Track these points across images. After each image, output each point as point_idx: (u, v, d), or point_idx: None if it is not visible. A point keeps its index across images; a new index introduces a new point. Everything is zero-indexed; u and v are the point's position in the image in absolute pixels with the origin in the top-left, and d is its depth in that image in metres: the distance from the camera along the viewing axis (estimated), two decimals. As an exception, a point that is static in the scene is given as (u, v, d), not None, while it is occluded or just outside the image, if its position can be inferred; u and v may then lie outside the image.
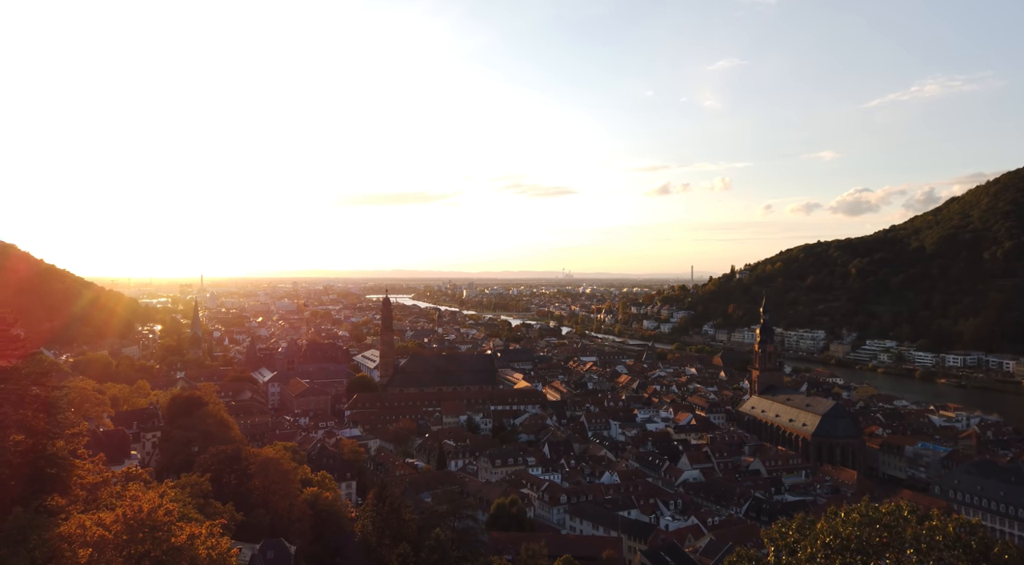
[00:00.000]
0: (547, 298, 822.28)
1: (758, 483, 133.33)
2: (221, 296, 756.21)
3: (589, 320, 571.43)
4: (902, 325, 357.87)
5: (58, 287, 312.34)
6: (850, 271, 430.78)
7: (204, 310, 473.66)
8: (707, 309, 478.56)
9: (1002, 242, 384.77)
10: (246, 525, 68.68)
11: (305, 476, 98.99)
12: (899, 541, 17.18)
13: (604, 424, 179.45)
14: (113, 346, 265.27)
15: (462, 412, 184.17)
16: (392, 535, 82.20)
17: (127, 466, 50.71)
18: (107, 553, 24.17)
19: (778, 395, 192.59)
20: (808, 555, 17.56)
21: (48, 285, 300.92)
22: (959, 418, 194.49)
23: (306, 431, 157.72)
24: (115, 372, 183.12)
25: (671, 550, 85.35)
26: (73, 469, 30.31)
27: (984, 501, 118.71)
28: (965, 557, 16.16)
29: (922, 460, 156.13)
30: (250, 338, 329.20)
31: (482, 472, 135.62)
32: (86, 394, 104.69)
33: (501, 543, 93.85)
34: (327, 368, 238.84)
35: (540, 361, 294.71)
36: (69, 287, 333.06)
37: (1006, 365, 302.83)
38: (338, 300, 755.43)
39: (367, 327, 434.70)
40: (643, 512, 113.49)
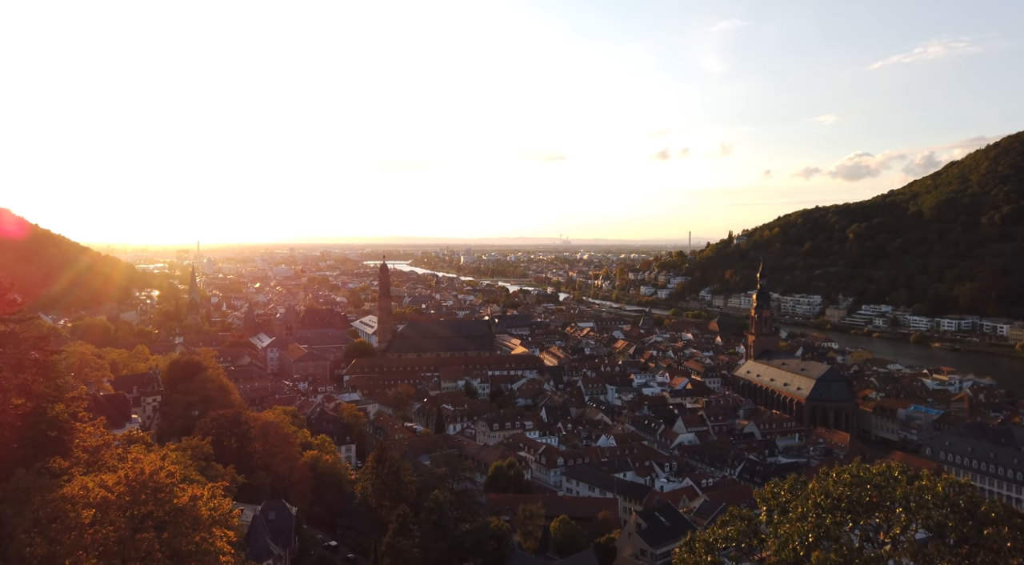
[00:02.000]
0: (545, 264, 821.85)
1: (752, 446, 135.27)
2: (218, 262, 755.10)
3: (587, 286, 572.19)
4: (899, 290, 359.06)
5: (54, 253, 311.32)
6: (848, 236, 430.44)
7: (201, 276, 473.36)
8: (704, 275, 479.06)
9: (1000, 206, 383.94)
10: (247, 487, 69.69)
11: (305, 439, 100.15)
12: (889, 500, 17.47)
13: (601, 389, 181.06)
14: (111, 311, 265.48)
15: (460, 377, 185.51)
16: (392, 496, 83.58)
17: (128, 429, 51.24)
18: (110, 514, 24.52)
19: (773, 360, 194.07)
20: (799, 514, 17.87)
21: (44, 250, 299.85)
22: (952, 381, 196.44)
23: (305, 396, 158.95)
24: (114, 337, 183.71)
25: (666, 510, 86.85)
26: (74, 432, 30.59)
27: (974, 462, 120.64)
28: (953, 515, 16.47)
29: (914, 423, 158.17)
30: (248, 304, 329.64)
31: (480, 436, 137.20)
32: (85, 359, 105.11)
33: (499, 504, 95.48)
34: (325, 334, 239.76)
35: (538, 327, 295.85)
36: (65, 252, 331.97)
37: (1000, 329, 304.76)
38: (335, 266, 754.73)
39: (365, 293, 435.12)
40: (639, 474, 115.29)
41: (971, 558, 15.80)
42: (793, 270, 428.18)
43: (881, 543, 17.57)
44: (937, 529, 16.33)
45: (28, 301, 50.44)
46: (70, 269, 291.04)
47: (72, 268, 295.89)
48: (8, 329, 29.92)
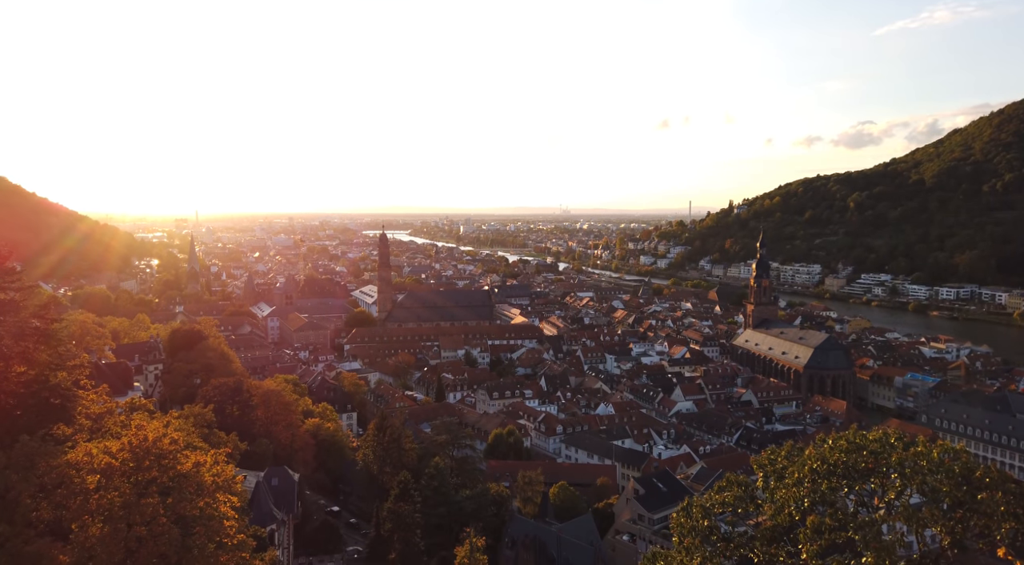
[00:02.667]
0: (544, 234, 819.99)
1: (750, 413, 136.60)
2: (217, 231, 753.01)
3: (586, 256, 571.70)
4: (898, 259, 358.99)
5: (52, 221, 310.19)
6: (848, 205, 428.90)
7: (200, 245, 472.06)
8: (704, 244, 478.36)
9: (1002, 174, 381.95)
10: (250, 454, 70.51)
11: (307, 408, 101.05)
12: (884, 466, 17.65)
13: (600, 358, 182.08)
14: (111, 280, 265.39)
15: (460, 346, 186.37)
16: (393, 463, 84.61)
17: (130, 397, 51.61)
18: (115, 479, 24.82)
19: (772, 329, 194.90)
20: (796, 480, 18.05)
21: (42, 219, 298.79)
22: (949, 350, 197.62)
23: (306, 364, 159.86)
24: (114, 306, 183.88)
25: (663, 477, 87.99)
26: (77, 399, 30.79)
27: (969, 429, 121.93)
28: (948, 481, 16.64)
29: (911, 390, 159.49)
30: (248, 273, 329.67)
31: (480, 404, 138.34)
32: (86, 327, 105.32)
33: (499, 471, 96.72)
34: (325, 303, 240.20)
35: (537, 297, 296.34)
36: (63, 221, 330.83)
37: (999, 297, 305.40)
38: (335, 236, 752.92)
39: (364, 263, 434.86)
40: (637, 441, 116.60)
41: (964, 522, 16.00)
42: (793, 239, 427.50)
43: (876, 508, 17.79)
44: (931, 494, 16.52)
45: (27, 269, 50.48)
46: (68, 238, 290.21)
47: (70, 237, 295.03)
48: (8, 297, 29.93)
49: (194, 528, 25.87)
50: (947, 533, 15.98)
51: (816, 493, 17.43)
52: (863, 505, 17.86)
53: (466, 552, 63.42)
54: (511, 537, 75.72)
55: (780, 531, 18.29)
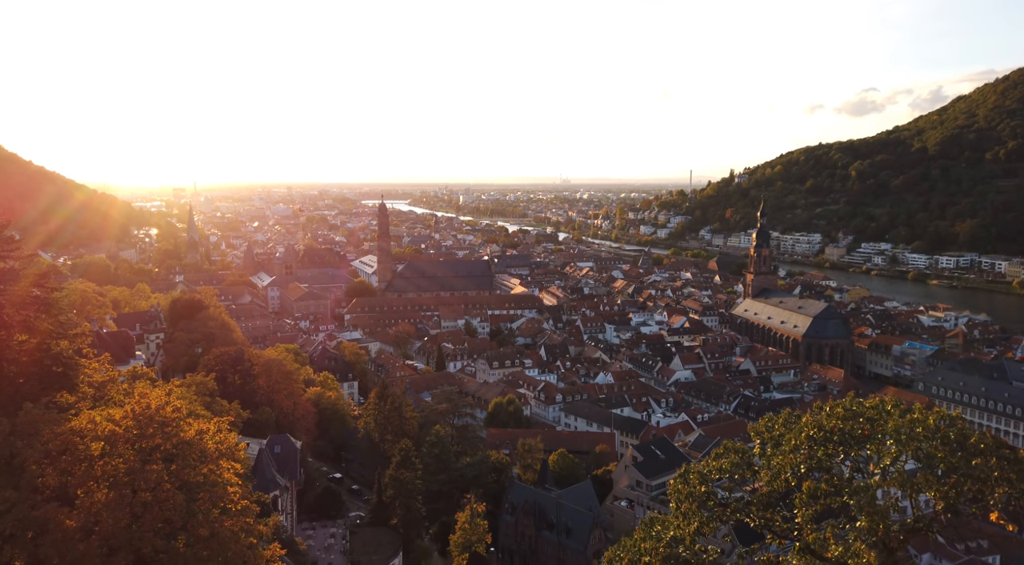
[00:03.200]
0: (544, 204, 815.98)
1: (748, 382, 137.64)
2: (215, 200, 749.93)
3: (586, 226, 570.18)
4: (899, 227, 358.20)
5: (49, 189, 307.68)
6: (850, 173, 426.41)
7: (199, 214, 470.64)
8: (705, 214, 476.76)
9: (1005, 142, 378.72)
10: (252, 423, 71.17)
11: (308, 377, 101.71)
12: (880, 433, 17.81)
13: (599, 327, 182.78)
14: (110, 249, 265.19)
15: (460, 316, 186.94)
16: (394, 431, 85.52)
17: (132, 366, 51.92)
18: (119, 447, 25.10)
19: (771, 298, 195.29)
20: (792, 447, 18.22)
21: (38, 187, 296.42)
22: (947, 318, 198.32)
23: (307, 334, 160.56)
24: (114, 275, 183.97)
25: (661, 444, 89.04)
26: (80, 368, 30.98)
27: (966, 396, 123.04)
28: (943, 447, 16.80)
29: (908, 358, 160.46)
30: (247, 243, 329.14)
31: (480, 373, 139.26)
32: (87, 296, 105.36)
33: (499, 439, 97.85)
34: (325, 273, 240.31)
35: (537, 266, 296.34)
36: (60, 189, 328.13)
37: (999, 266, 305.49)
38: (334, 205, 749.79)
39: (364, 233, 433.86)
40: (636, 410, 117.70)
41: (958, 487, 16.21)
42: (794, 208, 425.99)
43: (871, 473, 18.01)
44: (926, 460, 16.71)
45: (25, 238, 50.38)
46: (66, 206, 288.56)
47: (68, 205, 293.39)
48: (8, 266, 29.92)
49: (198, 494, 26.24)
50: (941, 498, 16.20)
51: (812, 459, 17.62)
52: (858, 471, 18.08)
53: (467, 517, 64.53)
54: (511, 503, 76.91)
55: (776, 497, 18.56)
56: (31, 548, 22.64)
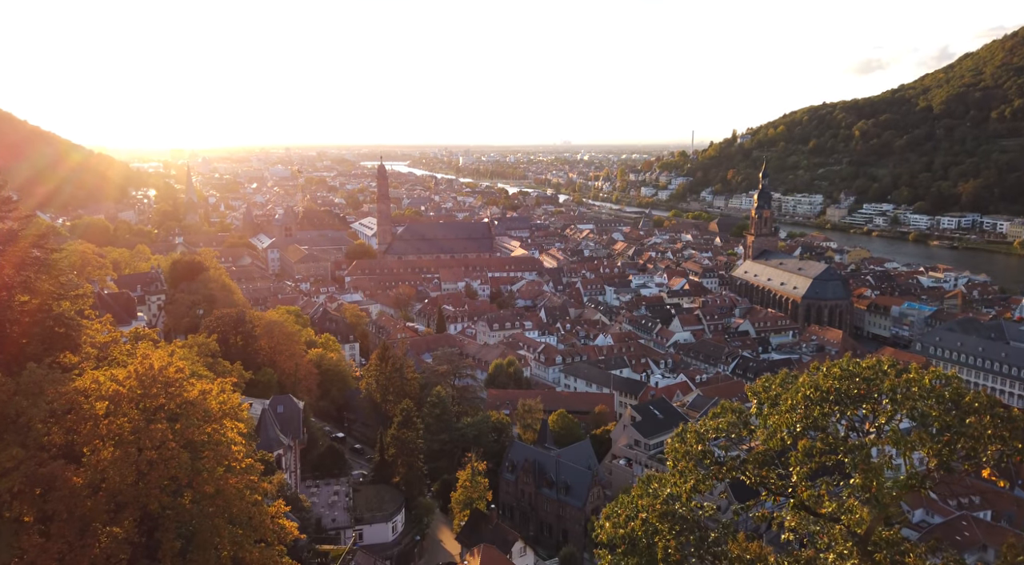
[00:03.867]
0: (545, 165, 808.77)
1: (746, 343, 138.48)
2: (213, 161, 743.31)
3: (587, 188, 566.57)
4: (901, 188, 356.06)
5: (46, 150, 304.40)
6: (854, 134, 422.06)
7: (197, 175, 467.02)
8: (706, 175, 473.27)
9: (1012, 100, 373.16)
10: (255, 383, 71.86)
11: (309, 338, 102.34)
12: (876, 393, 17.95)
13: (599, 290, 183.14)
14: (109, 211, 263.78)
15: (460, 279, 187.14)
16: (396, 392, 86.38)
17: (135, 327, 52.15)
18: (123, 406, 25.39)
19: (771, 260, 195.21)
20: (789, 406, 18.37)
21: (35, 148, 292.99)
22: (947, 278, 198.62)
23: (308, 296, 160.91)
24: (113, 237, 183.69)
25: (660, 404, 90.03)
26: (82, 328, 31.11)
27: (963, 356, 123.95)
28: (938, 406, 16.95)
29: (907, 319, 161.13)
30: (246, 204, 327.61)
31: (480, 335, 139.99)
32: (87, 257, 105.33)
33: (499, 399, 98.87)
34: (325, 235, 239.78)
35: (537, 229, 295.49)
36: (57, 150, 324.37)
37: (1000, 226, 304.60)
38: (332, 167, 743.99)
39: (363, 194, 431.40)
40: (635, 371, 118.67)
41: (951, 445, 16.42)
42: (796, 169, 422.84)
43: (866, 432, 18.21)
44: (921, 419, 16.88)
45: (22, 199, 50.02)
46: (63, 166, 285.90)
47: (65, 165, 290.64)
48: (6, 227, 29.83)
49: (203, 452, 26.64)
50: (934, 455, 16.43)
51: (808, 419, 17.79)
52: (854, 430, 18.27)
53: (468, 475, 65.63)
54: (511, 461, 78.13)
55: (772, 455, 18.81)
56: (40, 504, 23.09)
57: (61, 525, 22.94)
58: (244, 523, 27.06)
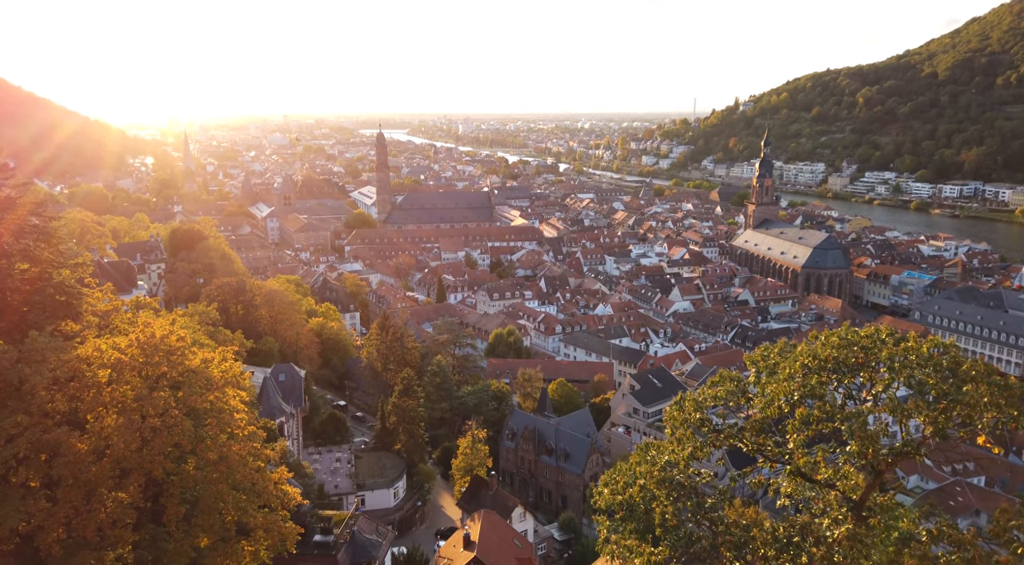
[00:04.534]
0: (545, 134, 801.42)
1: (746, 312, 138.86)
2: (211, 129, 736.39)
3: (587, 156, 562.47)
4: (904, 156, 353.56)
5: (41, 117, 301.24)
6: (857, 101, 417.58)
7: (195, 143, 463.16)
8: (708, 143, 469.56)
9: (1018, 66, 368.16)
10: (256, 352, 72.25)
11: (310, 307, 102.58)
12: (874, 361, 18.01)
13: (599, 259, 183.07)
14: (107, 178, 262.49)
15: (460, 248, 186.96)
16: (396, 361, 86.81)
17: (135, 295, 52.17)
18: (126, 374, 25.57)
19: (772, 229, 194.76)
20: (787, 375, 18.45)
21: (29, 113, 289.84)
22: (947, 247, 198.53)
23: (308, 265, 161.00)
24: (111, 205, 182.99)
25: (659, 373, 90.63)
26: (83, 297, 31.12)
27: (962, 325, 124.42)
28: (935, 374, 17.01)
29: (906, 288, 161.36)
30: (244, 173, 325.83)
31: (480, 305, 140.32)
32: (86, 226, 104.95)
33: (499, 368, 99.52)
34: (324, 204, 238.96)
35: (537, 198, 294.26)
36: (52, 116, 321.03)
37: (1002, 194, 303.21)
38: (331, 135, 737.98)
39: (362, 163, 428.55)
40: (634, 340, 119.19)
41: (947, 413, 16.53)
42: (799, 137, 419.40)
43: (863, 400, 18.33)
44: (918, 387, 16.97)
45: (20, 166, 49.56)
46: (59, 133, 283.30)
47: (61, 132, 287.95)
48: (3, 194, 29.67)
49: (205, 420, 26.88)
50: (930, 423, 16.54)
51: (806, 387, 17.87)
52: (851, 398, 18.38)
53: (468, 443, 66.35)
54: (511, 429, 78.95)
55: (769, 423, 18.96)
56: (45, 469, 23.38)
57: (67, 490, 23.26)
58: (247, 489, 27.43)
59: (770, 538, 17.56)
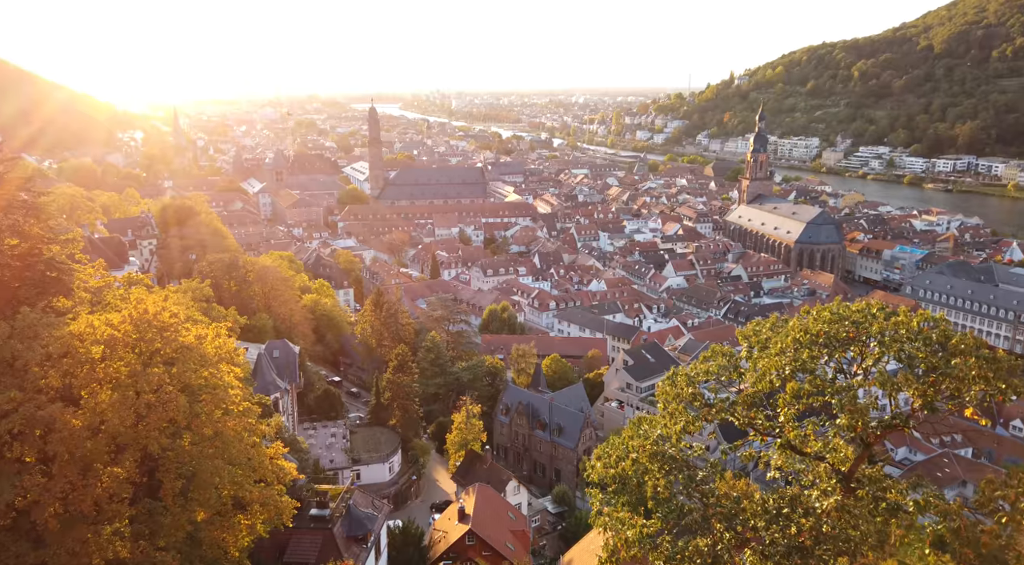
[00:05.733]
0: (539, 109, 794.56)
1: (739, 288, 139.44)
2: (202, 103, 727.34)
3: (582, 132, 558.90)
4: (898, 131, 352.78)
5: (27, 90, 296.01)
6: (853, 74, 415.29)
7: (185, 117, 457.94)
8: (703, 118, 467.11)
9: (1014, 39, 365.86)
10: (250, 328, 72.16)
11: (304, 284, 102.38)
12: (865, 335, 18.12)
13: (593, 235, 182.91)
14: (96, 153, 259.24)
15: (454, 224, 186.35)
16: (391, 337, 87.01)
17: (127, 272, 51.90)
18: (119, 350, 25.51)
19: (766, 204, 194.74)
20: (778, 350, 18.55)
21: (15, 87, 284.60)
22: (940, 222, 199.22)
23: (301, 241, 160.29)
24: (101, 180, 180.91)
25: (652, 348, 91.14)
26: (74, 273, 30.92)
27: (952, 299, 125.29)
28: (925, 348, 17.14)
29: (898, 263, 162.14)
30: (236, 148, 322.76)
31: (475, 281, 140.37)
32: (76, 201, 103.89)
33: (494, 344, 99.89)
34: (317, 180, 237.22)
35: (531, 174, 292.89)
36: (39, 90, 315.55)
37: (995, 168, 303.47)
38: (323, 109, 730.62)
39: (355, 138, 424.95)
40: (628, 316, 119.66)
41: (936, 386, 16.71)
42: (793, 112, 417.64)
43: (853, 374, 18.48)
44: (908, 360, 17.12)
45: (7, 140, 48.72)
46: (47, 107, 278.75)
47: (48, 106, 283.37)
48: (-9, 171, 29.36)
49: (200, 396, 26.92)
50: (919, 396, 16.73)
51: (797, 362, 17.98)
52: (841, 372, 18.52)
53: (463, 418, 66.82)
54: (506, 404, 79.48)
55: (760, 397, 19.12)
56: (40, 445, 23.44)
57: (63, 465, 23.34)
58: (243, 464, 27.61)
59: (760, 510, 17.82)
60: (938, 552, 17.48)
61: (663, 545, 17.94)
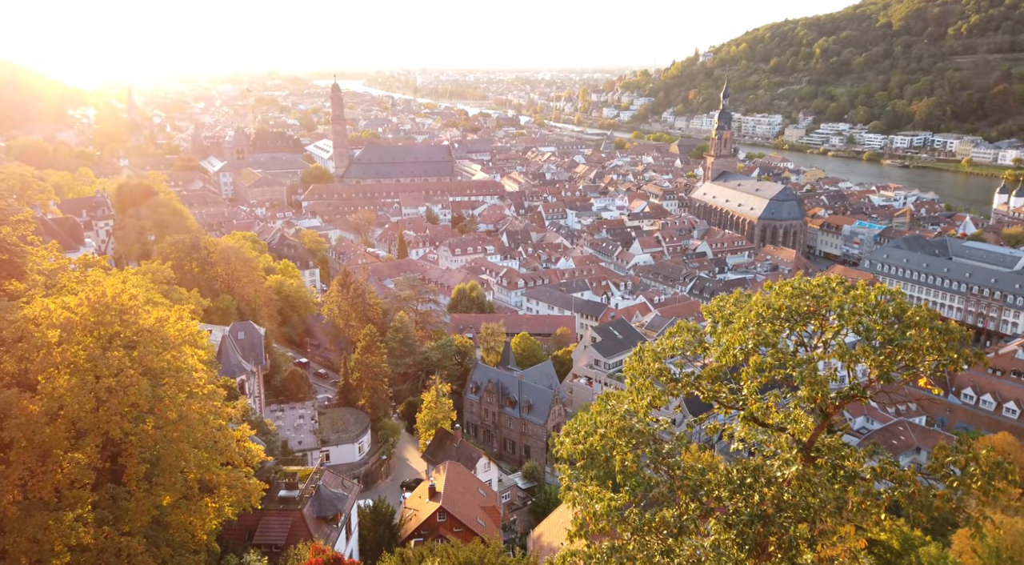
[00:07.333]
0: (505, 85, 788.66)
1: (704, 264, 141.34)
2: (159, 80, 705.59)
3: (548, 109, 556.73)
4: (858, 107, 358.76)
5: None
6: (814, 51, 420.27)
7: (140, 94, 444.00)
8: (668, 95, 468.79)
9: (968, 16, 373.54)
10: (213, 310, 71.03)
11: (268, 265, 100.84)
12: (825, 309, 18.47)
13: (561, 213, 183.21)
14: (46, 131, 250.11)
15: (421, 203, 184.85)
16: (359, 317, 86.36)
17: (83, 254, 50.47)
18: (76, 334, 24.89)
19: (730, 181, 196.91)
20: (742, 324, 18.82)
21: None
22: (897, 197, 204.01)
23: (264, 221, 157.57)
24: (52, 159, 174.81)
25: (619, 325, 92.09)
26: (27, 255, 30.01)
27: (908, 272, 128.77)
28: (881, 320, 17.56)
29: (857, 238, 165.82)
30: (194, 125, 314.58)
31: (443, 260, 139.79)
32: (26, 181, 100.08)
33: (463, 323, 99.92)
34: (279, 158, 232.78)
35: (499, 152, 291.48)
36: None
37: (950, 144, 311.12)
38: (283, 86, 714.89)
39: (317, 115, 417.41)
40: (595, 293, 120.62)
41: (892, 357, 17.18)
42: (757, 89, 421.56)
43: (814, 347, 18.87)
44: (865, 333, 17.55)
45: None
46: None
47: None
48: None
49: (163, 379, 26.46)
50: (876, 367, 17.19)
51: (760, 336, 18.30)
52: (802, 345, 18.92)
53: (432, 397, 66.91)
54: (475, 383, 79.77)
55: (724, 371, 19.46)
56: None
57: (20, 452, 22.80)
58: (209, 447, 27.30)
59: (724, 480, 18.22)
60: (893, 517, 18.11)
61: (631, 517, 18.26)
